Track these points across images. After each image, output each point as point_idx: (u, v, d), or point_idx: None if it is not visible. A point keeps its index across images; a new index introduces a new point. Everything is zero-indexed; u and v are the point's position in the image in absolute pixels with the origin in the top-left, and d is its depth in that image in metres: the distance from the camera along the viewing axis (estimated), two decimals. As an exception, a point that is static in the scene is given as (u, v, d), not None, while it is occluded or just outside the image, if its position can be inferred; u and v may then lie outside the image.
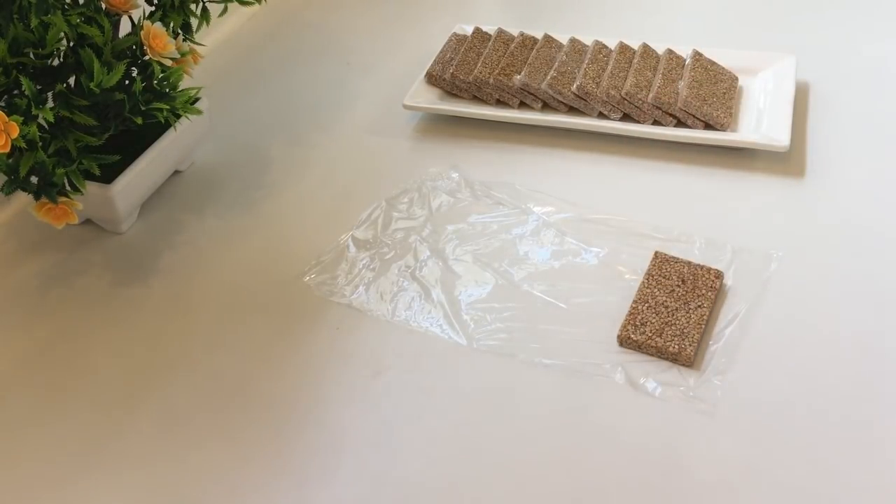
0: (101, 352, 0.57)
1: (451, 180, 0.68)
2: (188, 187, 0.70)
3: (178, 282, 0.62)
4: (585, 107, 0.70)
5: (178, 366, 0.56)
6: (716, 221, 0.62)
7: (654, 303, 0.55)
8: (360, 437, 0.50)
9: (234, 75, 0.83)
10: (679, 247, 0.60)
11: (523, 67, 0.73)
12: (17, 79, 0.54)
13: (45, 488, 0.49)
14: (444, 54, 0.76)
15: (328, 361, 0.55)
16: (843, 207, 0.63)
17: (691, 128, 0.68)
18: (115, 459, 0.50)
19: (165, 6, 0.62)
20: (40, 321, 0.60)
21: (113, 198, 0.62)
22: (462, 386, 0.52)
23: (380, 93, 0.78)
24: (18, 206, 0.69)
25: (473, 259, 0.61)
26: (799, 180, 0.65)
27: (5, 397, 0.55)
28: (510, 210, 0.65)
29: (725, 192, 0.65)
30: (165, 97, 0.58)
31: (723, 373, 0.52)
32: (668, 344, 0.53)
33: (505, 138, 0.71)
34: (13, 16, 0.55)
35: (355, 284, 0.60)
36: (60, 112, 0.55)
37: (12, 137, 0.51)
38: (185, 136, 0.66)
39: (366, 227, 0.64)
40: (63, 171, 0.55)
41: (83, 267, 0.63)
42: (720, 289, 0.56)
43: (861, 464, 0.47)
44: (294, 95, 0.80)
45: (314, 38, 0.88)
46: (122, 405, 0.54)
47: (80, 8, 0.58)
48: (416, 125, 0.74)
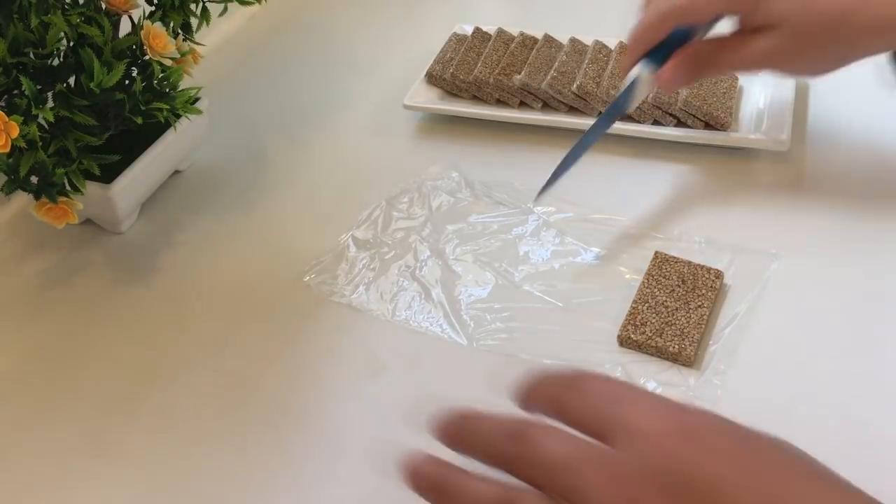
0: (101, 351, 0.57)
1: (451, 180, 0.68)
2: (188, 187, 0.70)
3: (178, 282, 0.62)
4: (585, 107, 0.70)
5: (178, 366, 0.56)
6: (716, 221, 0.62)
7: (654, 303, 0.55)
8: (359, 436, 0.50)
9: (234, 75, 0.83)
10: (679, 247, 0.60)
11: (523, 67, 0.73)
12: (17, 79, 0.54)
13: (45, 488, 0.49)
14: (444, 54, 0.76)
15: (328, 361, 0.55)
16: (843, 207, 0.63)
17: (691, 128, 0.68)
18: (115, 459, 0.50)
19: (165, 6, 0.62)
20: (40, 321, 0.60)
21: (113, 198, 0.62)
22: (462, 386, 0.52)
23: (380, 93, 0.78)
24: (18, 206, 0.69)
25: (473, 259, 0.61)
26: (799, 180, 0.65)
27: (5, 397, 0.55)
28: (510, 210, 0.65)
29: (725, 192, 0.65)
30: (165, 97, 0.58)
31: (723, 373, 0.52)
32: (668, 344, 0.53)
33: (505, 138, 0.71)
34: (13, 15, 0.55)
35: (355, 284, 0.60)
36: (60, 112, 0.55)
37: (12, 137, 0.51)
38: (185, 136, 0.66)
39: (366, 227, 0.64)
40: (63, 171, 0.55)
41: (83, 267, 0.63)
42: (720, 289, 0.56)
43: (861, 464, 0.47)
44: (294, 95, 0.80)
45: (314, 38, 0.88)
46: (122, 405, 0.54)
47: (80, 8, 0.58)
48: (416, 125, 0.74)
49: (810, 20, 0.54)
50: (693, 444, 0.33)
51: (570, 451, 0.33)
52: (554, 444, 0.34)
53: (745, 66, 0.58)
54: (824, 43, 0.55)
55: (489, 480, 0.35)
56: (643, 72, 0.58)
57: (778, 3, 0.54)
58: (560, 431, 0.35)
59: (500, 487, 0.35)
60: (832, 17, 0.54)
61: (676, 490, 0.31)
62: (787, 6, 0.54)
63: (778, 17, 0.55)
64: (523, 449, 0.34)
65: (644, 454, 0.33)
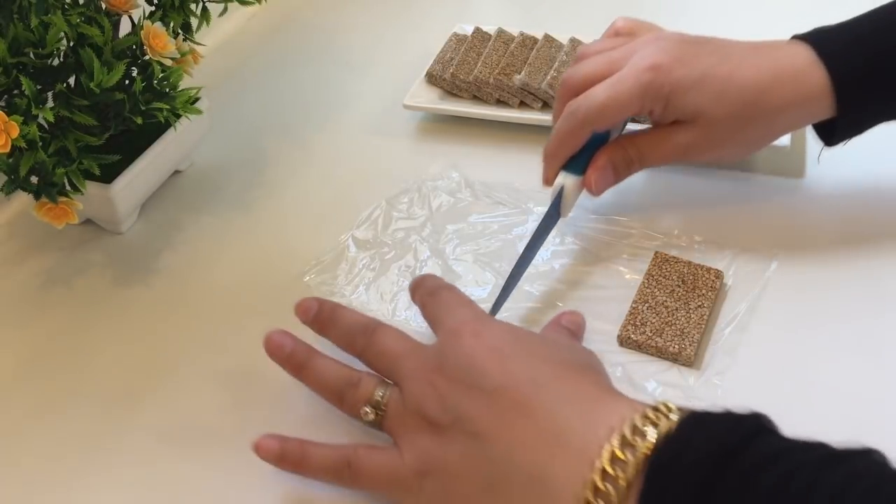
0: (100, 351, 0.57)
1: (451, 180, 0.68)
2: (188, 187, 0.70)
3: (178, 282, 0.62)
4: (585, 107, 0.70)
5: (178, 366, 0.56)
6: (716, 221, 0.62)
7: (654, 303, 0.55)
8: (360, 436, 0.50)
9: (234, 75, 0.83)
10: (679, 247, 0.60)
11: (523, 67, 0.73)
12: (17, 79, 0.54)
13: (45, 488, 0.49)
14: (444, 54, 0.76)
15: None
16: (843, 207, 0.63)
17: (691, 128, 0.68)
18: (115, 459, 0.50)
19: (165, 6, 0.62)
20: (40, 321, 0.60)
21: (113, 198, 0.62)
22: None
23: (380, 93, 0.78)
24: (18, 206, 0.69)
25: (474, 259, 0.61)
26: (799, 180, 0.65)
27: (5, 397, 0.55)
28: (510, 210, 0.65)
29: (725, 192, 0.65)
30: (165, 97, 0.58)
31: (723, 373, 0.52)
32: (668, 344, 0.53)
33: (505, 138, 0.71)
34: (13, 15, 0.55)
35: (355, 284, 0.60)
36: (60, 112, 0.55)
37: (12, 137, 0.51)
38: (185, 136, 0.66)
39: (366, 227, 0.64)
40: (63, 170, 0.55)
41: (83, 267, 0.63)
42: (720, 289, 0.56)
43: (861, 464, 0.47)
44: (294, 95, 0.80)
45: (314, 38, 0.88)
46: (122, 405, 0.53)
47: (80, 8, 0.58)
48: (416, 125, 0.74)
49: (724, 110, 0.55)
50: (477, 341, 0.44)
51: (399, 346, 0.47)
52: (390, 340, 0.48)
53: (666, 161, 0.60)
54: (740, 129, 0.56)
55: (340, 363, 0.49)
56: (567, 180, 0.58)
57: (689, 99, 0.55)
58: (397, 332, 0.49)
59: (348, 369, 0.48)
60: (744, 103, 0.55)
61: (458, 374, 0.43)
62: (699, 100, 0.55)
63: (692, 112, 0.56)
64: (370, 340, 0.48)
65: (444, 347, 0.46)
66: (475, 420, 0.42)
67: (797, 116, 0.57)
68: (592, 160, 0.58)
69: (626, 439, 0.38)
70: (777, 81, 0.55)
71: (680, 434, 0.38)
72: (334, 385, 0.48)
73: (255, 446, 0.47)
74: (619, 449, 0.38)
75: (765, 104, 0.55)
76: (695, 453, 0.36)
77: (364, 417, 0.46)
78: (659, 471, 0.37)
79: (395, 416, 0.46)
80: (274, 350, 0.50)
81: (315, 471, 0.46)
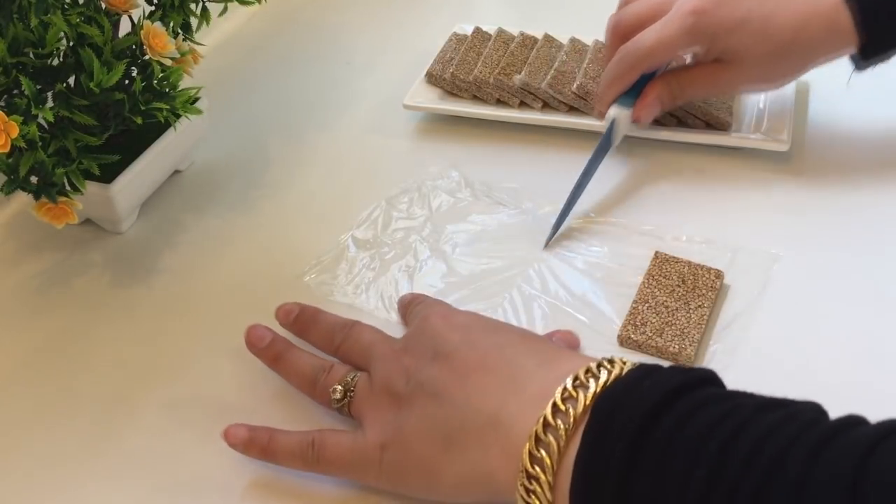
0: (100, 352, 0.57)
1: (451, 180, 0.68)
2: (188, 187, 0.70)
3: (178, 282, 0.62)
4: (585, 106, 0.70)
5: (179, 366, 0.56)
6: (716, 221, 0.62)
7: (654, 303, 0.55)
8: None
9: (234, 75, 0.83)
10: (679, 247, 0.60)
11: (523, 67, 0.73)
12: (17, 79, 0.54)
13: (45, 488, 0.49)
14: (444, 54, 0.76)
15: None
16: (843, 207, 0.63)
17: (692, 128, 0.68)
18: (115, 459, 0.50)
19: (165, 6, 0.62)
20: (40, 321, 0.60)
21: (113, 198, 0.62)
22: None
23: (380, 93, 0.78)
24: (18, 206, 0.69)
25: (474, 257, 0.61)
26: (799, 180, 0.65)
27: (5, 397, 0.55)
28: (510, 210, 0.65)
29: (725, 192, 0.65)
30: (165, 97, 0.58)
31: (723, 373, 0.52)
32: (668, 344, 0.53)
33: (505, 138, 0.71)
34: (13, 15, 0.55)
35: (355, 284, 0.60)
36: (60, 112, 0.55)
37: (12, 137, 0.51)
38: (185, 135, 0.66)
39: (366, 227, 0.64)
40: (63, 170, 0.55)
41: (83, 267, 0.63)
42: (720, 289, 0.56)
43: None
44: (294, 95, 0.80)
45: (314, 38, 0.88)
46: (122, 405, 0.53)
47: (80, 8, 0.58)
48: (416, 125, 0.74)
49: (763, 49, 0.60)
50: (444, 321, 0.47)
51: (373, 336, 0.50)
52: (366, 332, 0.51)
53: (707, 95, 0.66)
54: (777, 65, 0.62)
55: (314, 355, 0.51)
56: (619, 113, 0.64)
57: (734, 38, 0.60)
58: (373, 327, 0.51)
59: (322, 359, 0.51)
60: (782, 42, 0.60)
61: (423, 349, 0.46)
62: (741, 41, 0.60)
63: (734, 52, 0.61)
64: (347, 334, 0.51)
65: (414, 330, 0.49)
66: (436, 380, 0.44)
67: (828, 51, 0.61)
68: (641, 95, 0.64)
69: (580, 380, 0.40)
70: (811, 20, 0.59)
71: (629, 376, 0.40)
72: (309, 372, 0.50)
73: (224, 434, 0.48)
74: (571, 388, 0.39)
75: (800, 42, 0.60)
76: (640, 392, 0.38)
77: (332, 395, 0.48)
78: (604, 405, 0.38)
79: (362, 397, 0.47)
80: (254, 341, 0.52)
81: (281, 455, 0.47)
